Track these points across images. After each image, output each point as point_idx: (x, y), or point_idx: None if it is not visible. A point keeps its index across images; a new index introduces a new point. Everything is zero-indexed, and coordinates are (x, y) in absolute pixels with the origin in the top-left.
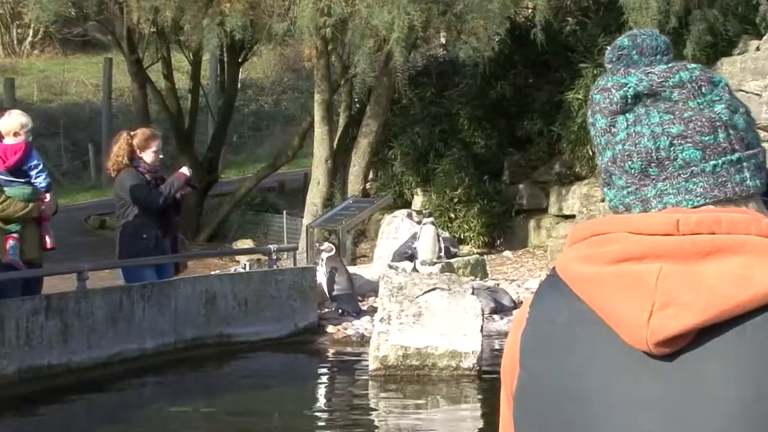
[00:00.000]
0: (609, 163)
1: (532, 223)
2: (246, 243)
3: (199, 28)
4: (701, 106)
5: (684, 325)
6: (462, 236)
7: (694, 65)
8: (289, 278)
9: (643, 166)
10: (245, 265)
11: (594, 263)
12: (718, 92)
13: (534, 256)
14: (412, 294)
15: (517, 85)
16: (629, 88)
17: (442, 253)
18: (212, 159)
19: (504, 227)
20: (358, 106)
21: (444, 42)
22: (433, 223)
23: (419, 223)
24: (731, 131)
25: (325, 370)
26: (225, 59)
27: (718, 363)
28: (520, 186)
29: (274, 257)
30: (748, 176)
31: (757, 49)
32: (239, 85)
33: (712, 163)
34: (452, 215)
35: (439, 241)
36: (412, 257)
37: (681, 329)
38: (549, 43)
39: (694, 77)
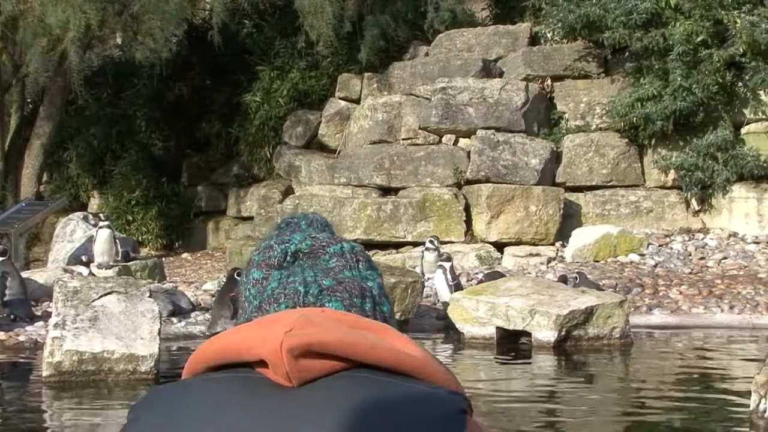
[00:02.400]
0: (253, 311)
1: (210, 225)
2: None
3: None
4: (354, 277)
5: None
6: (140, 239)
7: (357, 244)
8: None
9: (288, 309)
10: None
11: None
12: (373, 274)
13: (212, 258)
14: (87, 298)
15: (195, 87)
16: (291, 244)
17: (119, 257)
18: None
19: (182, 229)
20: (31, 106)
21: (120, 42)
22: (109, 226)
23: (95, 225)
24: (378, 308)
25: None
26: None
27: (315, 408)
28: (199, 188)
29: None
30: None
31: (427, 54)
32: None
33: None
34: (130, 217)
35: (115, 244)
36: (88, 261)
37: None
38: (226, 45)
39: (355, 251)
